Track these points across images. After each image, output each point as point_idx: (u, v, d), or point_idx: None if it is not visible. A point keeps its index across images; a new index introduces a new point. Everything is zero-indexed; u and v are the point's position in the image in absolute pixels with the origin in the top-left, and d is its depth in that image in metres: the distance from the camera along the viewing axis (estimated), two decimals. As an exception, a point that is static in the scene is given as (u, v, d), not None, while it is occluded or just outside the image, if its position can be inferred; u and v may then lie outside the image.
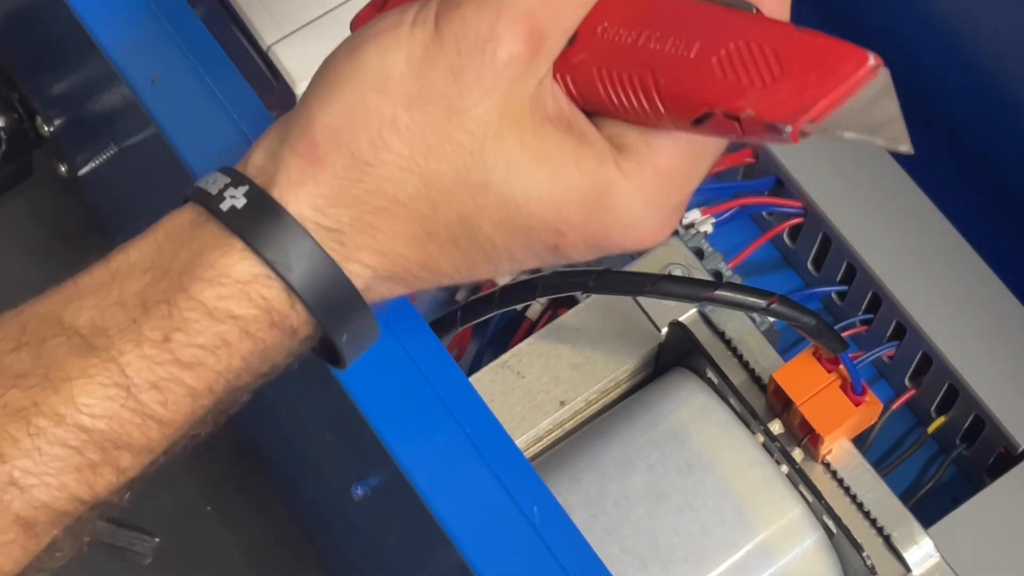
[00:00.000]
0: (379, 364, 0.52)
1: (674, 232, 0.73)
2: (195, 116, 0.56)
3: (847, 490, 0.62)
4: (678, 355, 0.66)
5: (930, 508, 0.66)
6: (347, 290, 0.45)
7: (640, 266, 0.67)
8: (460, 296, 0.78)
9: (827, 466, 0.62)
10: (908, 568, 0.61)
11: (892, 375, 0.74)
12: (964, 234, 0.72)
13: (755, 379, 0.64)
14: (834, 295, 0.75)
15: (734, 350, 0.64)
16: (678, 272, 0.66)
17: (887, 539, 0.61)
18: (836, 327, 0.67)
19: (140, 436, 0.45)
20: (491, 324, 0.74)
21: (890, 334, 0.72)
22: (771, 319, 0.69)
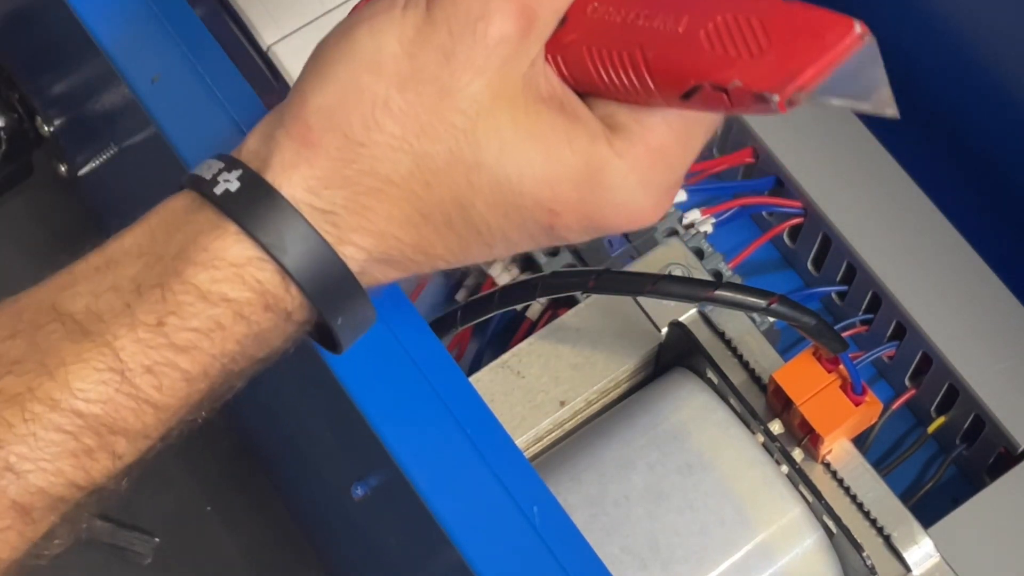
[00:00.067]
0: (379, 364, 0.52)
1: (674, 232, 0.73)
2: (195, 116, 0.56)
3: (847, 490, 0.62)
4: (678, 355, 0.66)
5: (930, 508, 0.66)
6: (342, 272, 0.45)
7: (640, 266, 0.67)
8: (460, 296, 0.78)
9: (827, 466, 0.62)
10: (908, 568, 0.61)
11: (892, 375, 0.74)
12: (964, 234, 0.72)
13: (755, 379, 0.64)
14: (834, 295, 0.76)
15: (734, 350, 0.64)
16: (678, 272, 0.66)
17: (887, 539, 0.61)
18: (836, 327, 0.67)
19: (135, 421, 0.45)
20: (491, 324, 0.74)
21: (890, 334, 0.72)
22: (771, 319, 0.69)
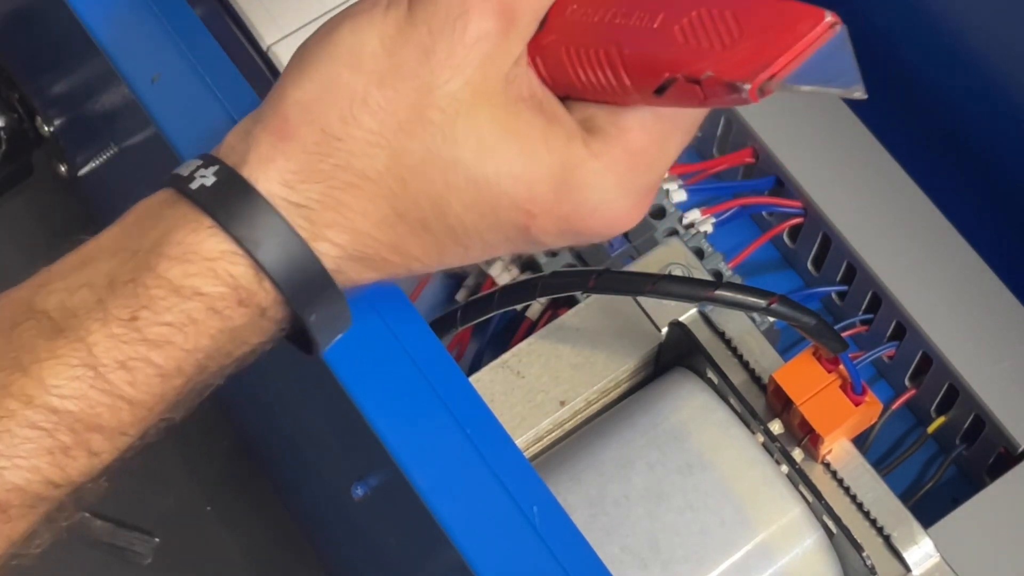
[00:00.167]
0: (379, 364, 0.52)
1: (674, 232, 0.73)
2: (195, 116, 0.56)
3: (847, 490, 0.62)
4: (678, 355, 0.66)
5: (930, 508, 0.66)
6: (315, 268, 0.45)
7: (640, 266, 0.67)
8: (460, 296, 0.78)
9: (827, 466, 0.62)
10: (908, 568, 0.61)
11: (892, 375, 0.74)
12: (964, 234, 0.72)
13: (755, 379, 0.64)
14: (834, 295, 0.76)
15: (734, 350, 0.64)
16: (678, 272, 0.66)
17: (887, 539, 0.61)
18: (836, 327, 0.67)
19: (111, 417, 0.45)
20: (491, 324, 0.74)
21: (890, 334, 0.72)
22: (771, 319, 0.69)
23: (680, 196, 0.75)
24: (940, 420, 0.72)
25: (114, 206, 0.47)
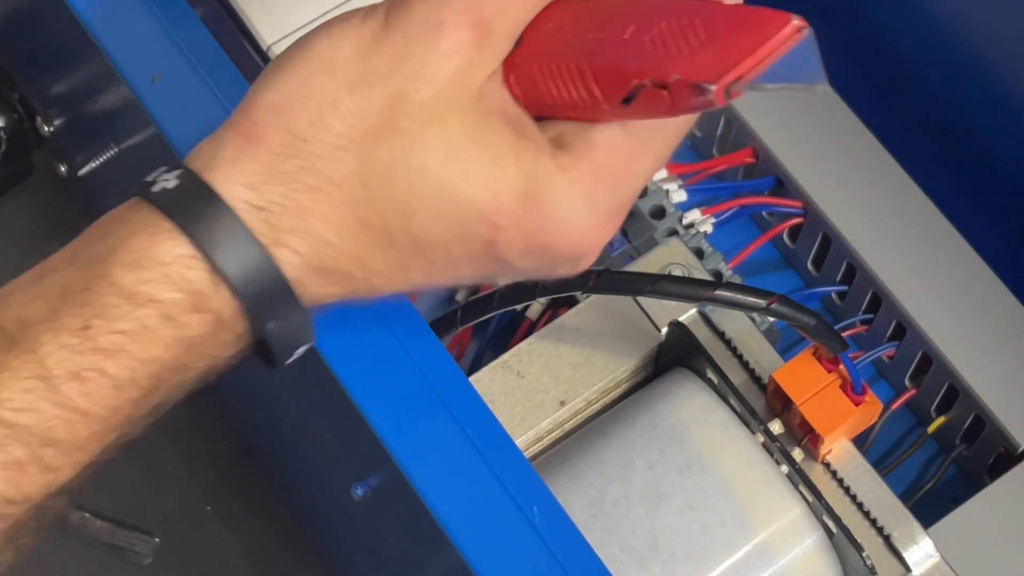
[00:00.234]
0: (379, 364, 0.52)
1: (674, 232, 0.73)
2: (195, 116, 0.56)
3: (847, 490, 0.62)
4: (678, 355, 0.66)
5: (930, 508, 0.66)
6: (273, 274, 0.44)
7: (640, 266, 0.67)
8: (460, 296, 0.78)
9: (827, 466, 0.62)
10: (908, 568, 0.61)
11: (892, 375, 0.74)
12: (964, 234, 0.72)
13: (755, 379, 0.64)
14: (834, 295, 0.76)
15: (734, 350, 0.64)
16: (678, 272, 0.66)
17: (887, 539, 0.61)
18: (836, 327, 0.67)
19: (65, 432, 0.43)
20: (491, 324, 0.74)
21: (890, 334, 0.72)
22: (771, 319, 0.69)
23: (680, 196, 0.75)
24: (940, 420, 0.72)
25: (114, 206, 0.47)
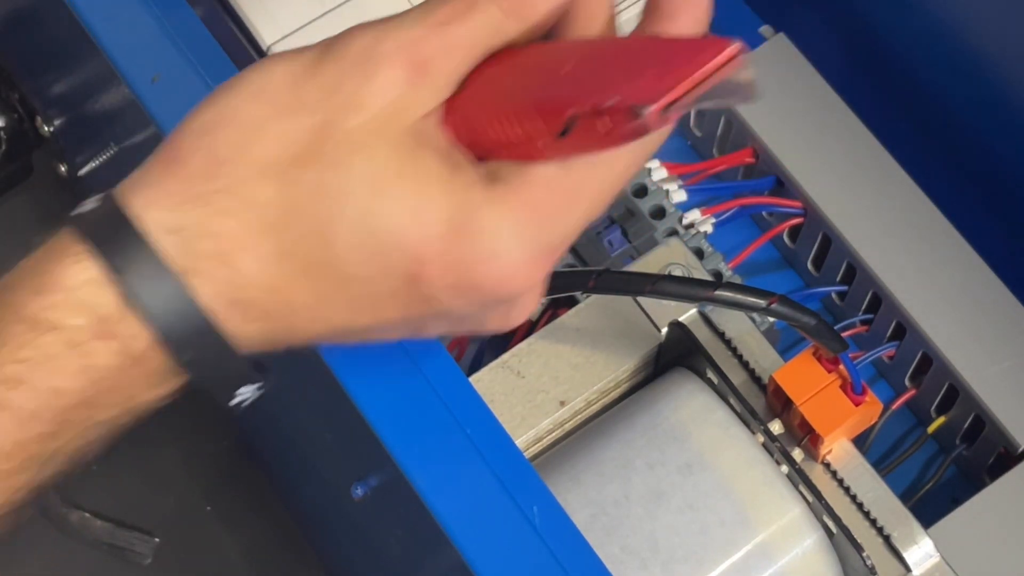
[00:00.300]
0: (378, 364, 0.52)
1: (674, 232, 0.73)
2: (195, 116, 0.56)
3: (847, 490, 0.62)
4: (678, 355, 0.66)
5: (930, 508, 0.66)
6: (186, 302, 0.42)
7: (640, 266, 0.67)
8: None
9: (827, 466, 0.62)
10: (908, 568, 0.61)
11: (892, 375, 0.74)
12: (964, 234, 0.72)
13: (755, 379, 0.64)
14: (834, 295, 0.76)
15: (734, 350, 0.64)
16: (678, 272, 0.66)
17: (887, 539, 0.61)
18: (836, 327, 0.67)
19: None
20: (491, 324, 0.74)
21: (890, 334, 0.72)
22: (771, 319, 0.69)
23: (680, 196, 0.75)
24: (940, 420, 0.72)
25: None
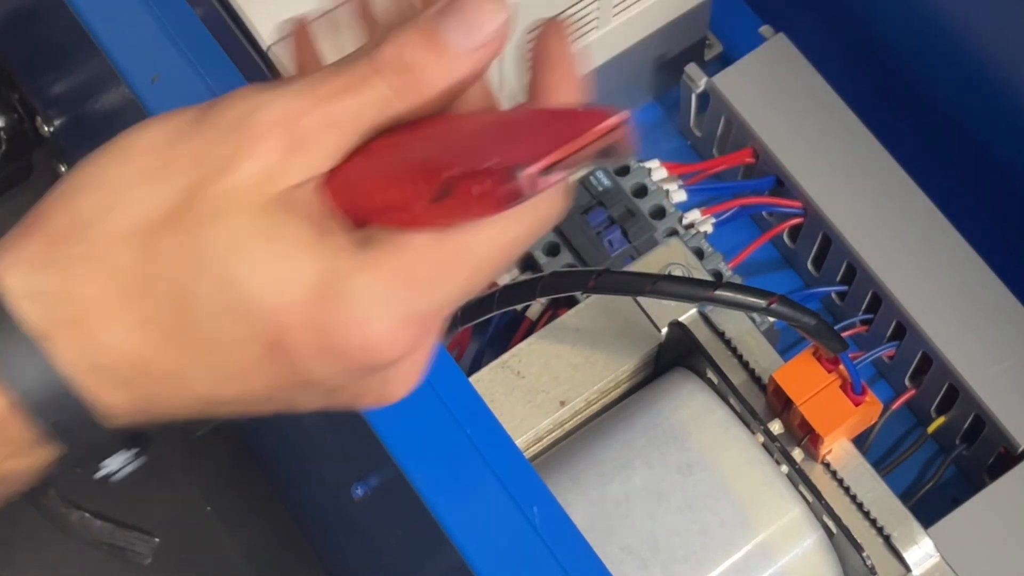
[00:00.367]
0: (379, 364, 0.52)
1: (674, 232, 0.73)
2: (195, 116, 0.56)
3: (847, 490, 0.62)
4: (678, 355, 0.66)
5: (930, 508, 0.66)
6: (44, 367, 0.41)
7: (640, 266, 0.67)
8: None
9: (827, 466, 0.62)
10: (908, 568, 0.61)
11: (892, 375, 0.74)
12: (964, 234, 0.72)
13: (755, 379, 0.64)
14: (834, 295, 0.76)
15: (734, 350, 0.64)
16: (678, 272, 0.66)
17: (887, 539, 0.61)
18: (836, 327, 0.67)
19: None
20: (491, 324, 0.74)
21: (890, 334, 0.72)
22: (771, 319, 0.69)
23: (680, 196, 0.75)
24: (940, 420, 0.72)
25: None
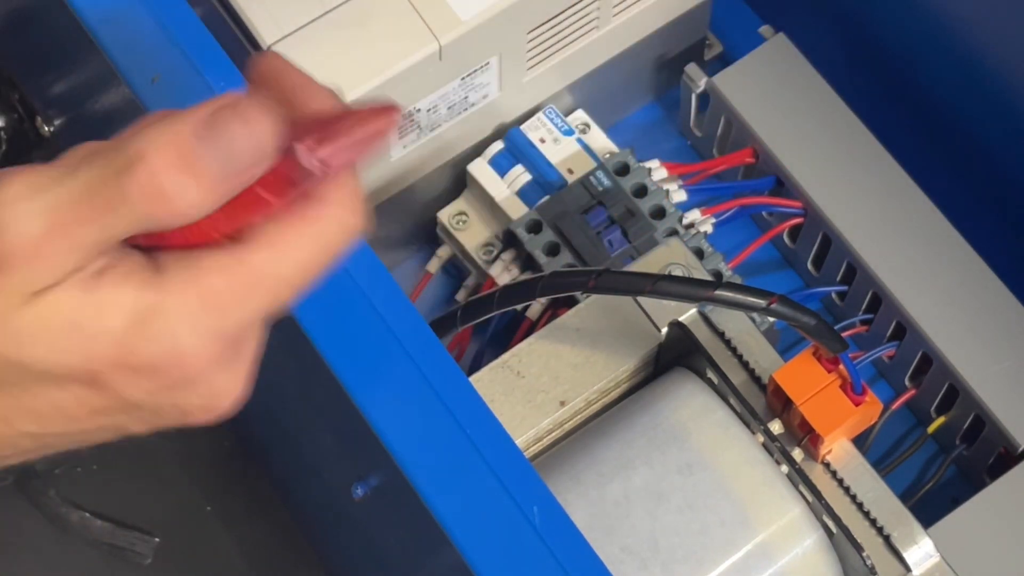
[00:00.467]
0: (379, 365, 0.52)
1: (674, 232, 0.73)
2: (195, 116, 0.56)
3: (847, 490, 0.62)
4: (678, 355, 0.66)
5: (930, 508, 0.66)
6: None
7: (640, 266, 0.67)
8: (460, 296, 0.78)
9: (827, 466, 0.62)
10: (908, 568, 0.61)
11: (892, 375, 0.74)
12: (964, 234, 0.72)
13: (755, 379, 0.64)
14: (834, 295, 0.76)
15: (734, 350, 0.64)
16: (678, 272, 0.66)
17: (887, 539, 0.61)
18: (836, 327, 0.67)
19: None
20: (491, 324, 0.74)
21: (890, 334, 0.72)
22: (771, 319, 0.69)
23: (680, 196, 0.75)
24: (940, 420, 0.72)
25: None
